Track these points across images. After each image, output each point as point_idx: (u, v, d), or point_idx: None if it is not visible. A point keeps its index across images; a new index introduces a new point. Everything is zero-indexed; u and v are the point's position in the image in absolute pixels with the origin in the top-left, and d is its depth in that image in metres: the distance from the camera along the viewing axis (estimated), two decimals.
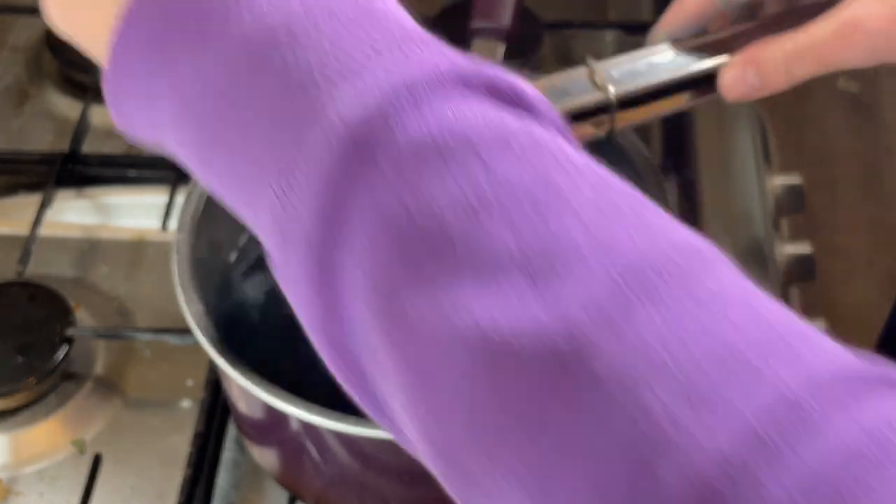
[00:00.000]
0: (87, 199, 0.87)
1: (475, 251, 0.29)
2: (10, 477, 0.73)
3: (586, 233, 0.29)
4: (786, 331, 0.29)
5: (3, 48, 0.99)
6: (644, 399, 0.27)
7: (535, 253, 0.29)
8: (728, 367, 0.27)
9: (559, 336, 0.28)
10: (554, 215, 0.30)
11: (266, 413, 0.60)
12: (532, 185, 0.30)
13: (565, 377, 0.28)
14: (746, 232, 0.80)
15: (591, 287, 0.29)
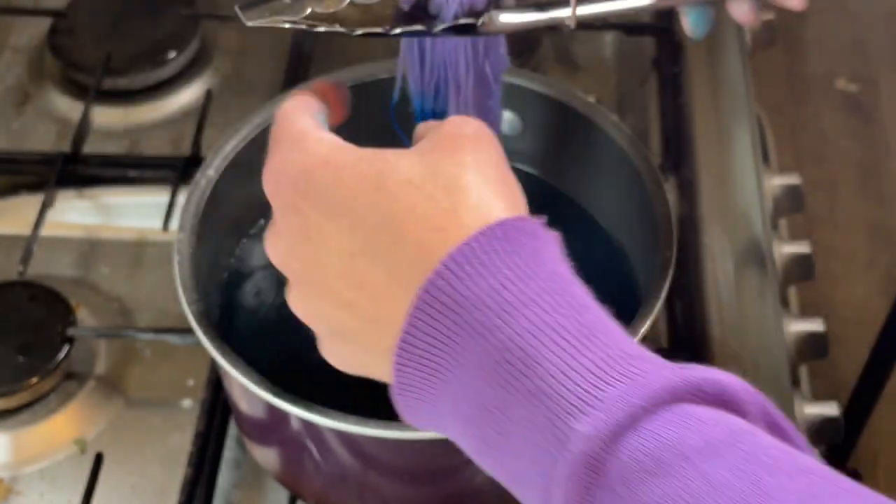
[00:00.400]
0: (89, 199, 0.87)
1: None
2: (11, 476, 0.73)
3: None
4: None
5: (4, 49, 0.99)
6: None
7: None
8: None
9: None
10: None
11: (267, 412, 0.60)
12: (745, 489, 0.35)
13: None
14: (745, 232, 0.80)
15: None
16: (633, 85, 0.95)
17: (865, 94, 1.92)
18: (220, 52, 0.98)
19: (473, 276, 0.40)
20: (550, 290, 0.40)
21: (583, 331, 0.39)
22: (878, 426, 1.33)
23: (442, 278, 0.40)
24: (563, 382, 0.38)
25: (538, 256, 0.41)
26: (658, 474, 0.36)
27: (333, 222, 0.43)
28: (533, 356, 0.39)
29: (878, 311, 1.18)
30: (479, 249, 0.40)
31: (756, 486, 0.35)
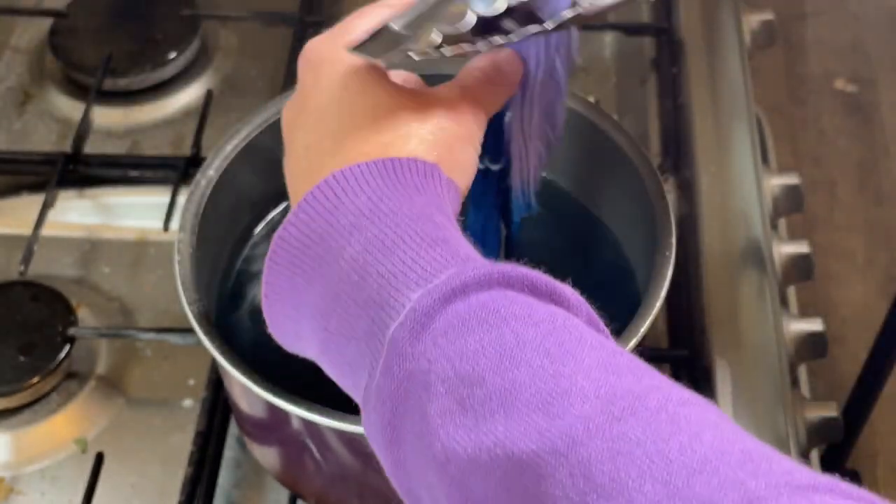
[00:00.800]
0: (89, 199, 0.87)
1: (505, 394, 0.38)
2: (12, 476, 0.73)
3: (589, 378, 0.38)
4: (750, 448, 0.36)
5: (5, 49, 1.00)
6: (631, 493, 0.35)
7: (549, 393, 0.38)
8: (703, 474, 0.35)
9: (560, 441, 0.37)
10: (566, 369, 0.39)
11: (267, 412, 0.60)
12: (550, 346, 0.39)
13: (565, 471, 0.36)
14: (745, 232, 0.80)
15: (586, 409, 0.37)
16: (632, 85, 0.96)
17: (865, 95, 1.92)
18: (220, 52, 0.98)
19: (355, 187, 0.45)
20: (421, 207, 0.45)
21: (437, 237, 0.44)
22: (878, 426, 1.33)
23: (328, 185, 0.46)
24: (412, 267, 0.43)
25: (421, 186, 0.46)
26: (476, 330, 0.40)
27: (312, 116, 0.49)
28: (390, 247, 0.43)
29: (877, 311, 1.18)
30: (366, 171, 0.46)
31: (560, 346, 0.39)
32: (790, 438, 0.71)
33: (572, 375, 0.38)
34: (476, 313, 0.40)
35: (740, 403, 0.71)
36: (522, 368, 0.39)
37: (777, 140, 1.14)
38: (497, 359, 0.39)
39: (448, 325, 0.40)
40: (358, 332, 0.43)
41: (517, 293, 0.41)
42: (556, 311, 0.41)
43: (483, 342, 0.40)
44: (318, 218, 0.45)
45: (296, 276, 0.46)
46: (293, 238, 0.46)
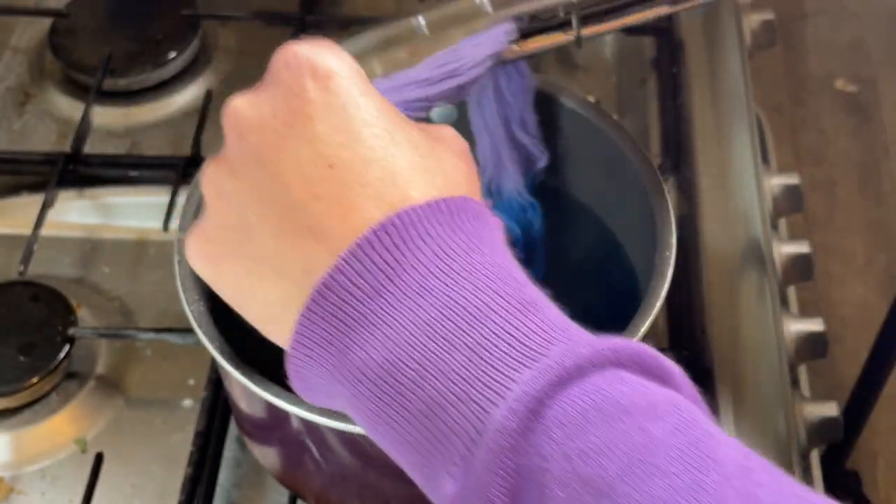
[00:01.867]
0: (89, 199, 0.87)
1: (634, 501, 0.34)
2: (12, 476, 0.73)
3: (735, 493, 0.34)
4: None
5: (5, 49, 1.00)
6: None
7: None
8: None
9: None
10: (707, 478, 0.34)
11: (267, 412, 0.60)
12: (683, 447, 0.35)
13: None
14: (745, 232, 0.80)
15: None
16: (632, 85, 0.96)
17: (865, 95, 1.92)
18: (220, 52, 0.98)
19: (416, 239, 0.40)
20: (494, 264, 0.40)
21: (526, 300, 0.39)
22: (878, 426, 1.33)
23: (385, 231, 0.40)
24: (508, 341, 0.38)
25: (481, 233, 0.41)
26: (598, 423, 0.35)
27: (330, 130, 0.41)
28: (477, 315, 0.38)
29: (877, 311, 1.18)
30: (423, 217, 0.40)
31: (695, 447, 0.35)
32: (790, 438, 0.71)
33: (714, 488, 0.34)
34: (595, 403, 0.36)
35: (740, 403, 0.71)
36: (657, 479, 0.34)
37: (777, 140, 1.14)
38: (626, 463, 0.35)
39: (563, 415, 0.36)
40: (437, 409, 0.38)
41: (630, 374, 0.37)
42: (675, 398, 0.37)
43: (607, 440, 0.35)
44: (376, 270, 0.39)
45: (340, 332, 0.40)
46: (342, 288, 0.39)
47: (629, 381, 0.37)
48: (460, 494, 0.37)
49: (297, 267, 0.41)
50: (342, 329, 0.40)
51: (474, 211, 0.41)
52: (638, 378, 0.37)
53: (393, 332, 0.39)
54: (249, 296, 0.44)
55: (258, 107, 0.42)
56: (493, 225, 0.42)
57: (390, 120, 0.42)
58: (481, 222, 0.41)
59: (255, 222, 0.42)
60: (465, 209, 0.41)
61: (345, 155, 0.41)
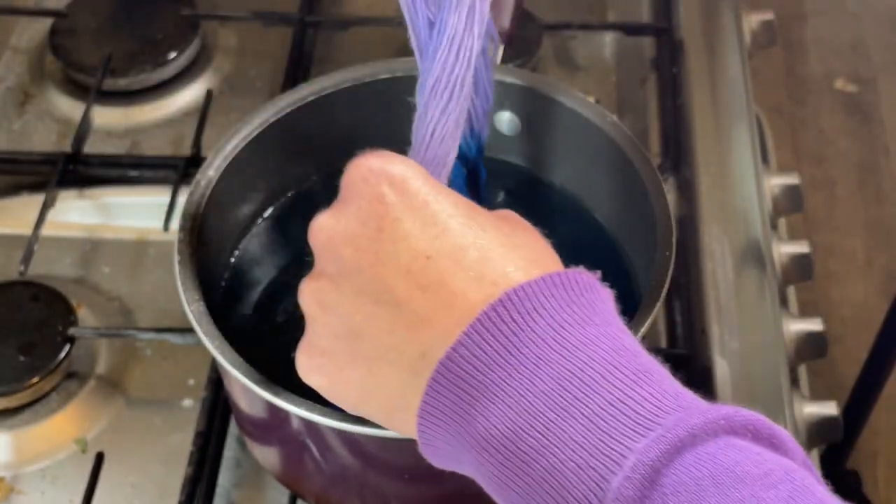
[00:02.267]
0: (89, 199, 0.87)
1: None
2: (12, 475, 0.73)
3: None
4: None
5: (5, 49, 1.00)
6: None
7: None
8: None
9: None
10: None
11: (267, 412, 0.60)
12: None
13: None
14: (745, 232, 0.80)
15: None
16: (632, 85, 0.96)
17: (864, 95, 1.92)
18: (220, 52, 0.98)
19: (532, 312, 0.42)
20: (607, 335, 0.42)
21: (639, 370, 0.41)
22: (877, 425, 1.34)
23: (503, 305, 0.42)
24: (623, 410, 0.39)
25: (594, 305, 0.43)
26: (713, 491, 0.36)
27: (418, 226, 0.44)
28: (592, 386, 0.40)
29: (876, 311, 1.19)
30: (539, 291, 0.42)
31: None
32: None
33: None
34: (709, 471, 0.37)
35: (740, 403, 0.71)
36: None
37: (777, 140, 1.14)
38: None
39: (679, 483, 0.37)
40: (557, 475, 0.39)
41: (742, 441, 0.39)
42: (788, 466, 0.38)
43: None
44: (495, 342, 0.42)
45: (464, 401, 0.42)
46: (464, 360, 0.42)
47: (742, 449, 0.38)
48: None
49: (414, 355, 0.44)
50: (466, 399, 0.42)
51: (585, 283, 0.44)
52: (751, 445, 0.38)
53: (513, 401, 0.41)
54: (369, 395, 0.47)
55: (345, 221, 0.46)
56: (604, 295, 0.44)
57: (468, 208, 0.46)
58: (593, 293, 0.43)
59: (365, 325, 0.45)
60: (577, 282, 0.43)
61: (439, 245, 0.44)
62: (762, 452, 0.38)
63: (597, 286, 0.44)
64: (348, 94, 0.68)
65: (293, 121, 0.67)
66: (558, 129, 0.68)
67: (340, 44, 0.98)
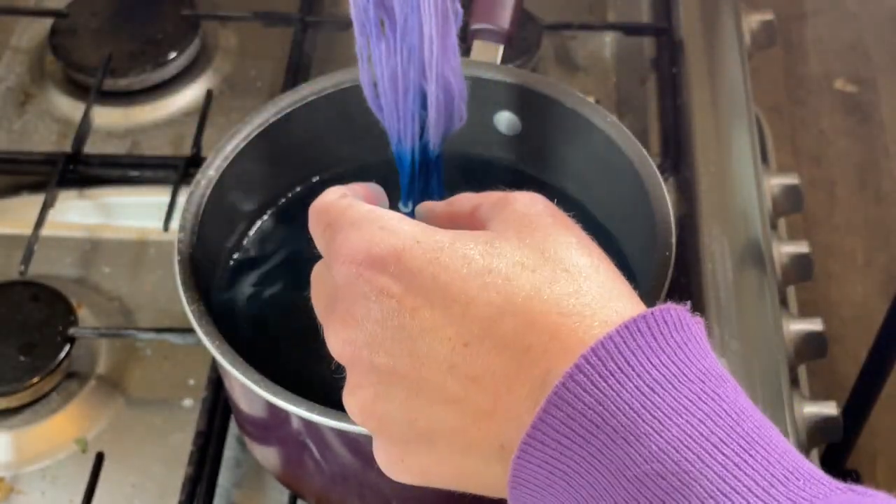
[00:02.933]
0: (90, 199, 0.87)
1: None
2: (12, 475, 0.73)
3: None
4: None
5: (5, 49, 1.00)
6: None
7: None
8: None
9: None
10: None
11: (267, 412, 0.60)
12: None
13: None
14: (744, 232, 0.80)
15: None
16: (632, 85, 0.96)
17: (864, 95, 1.92)
18: (221, 52, 0.98)
19: (617, 374, 0.36)
20: (704, 395, 0.37)
21: (742, 443, 0.36)
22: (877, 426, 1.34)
23: (582, 373, 0.36)
24: (738, 475, 0.35)
25: (687, 353, 0.38)
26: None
27: (439, 309, 0.39)
28: (688, 471, 0.35)
29: (876, 311, 1.19)
30: (622, 345, 0.37)
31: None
32: (790, 438, 0.71)
33: None
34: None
35: None
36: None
37: (777, 140, 1.14)
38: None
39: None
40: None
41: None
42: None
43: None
44: (579, 416, 0.36)
45: (552, 481, 0.37)
46: (548, 437, 0.37)
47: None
48: None
49: (493, 448, 0.39)
50: (556, 469, 0.37)
51: (674, 322, 0.38)
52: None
53: (606, 484, 0.36)
54: (458, 483, 0.42)
55: (362, 328, 0.40)
56: (695, 332, 0.39)
57: (485, 253, 0.40)
58: (684, 333, 0.38)
59: (432, 428, 0.40)
60: (664, 322, 0.38)
61: (469, 325, 0.39)
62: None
63: (688, 322, 0.39)
64: (348, 95, 0.68)
65: (294, 121, 0.67)
66: (558, 129, 0.68)
67: (340, 44, 0.98)
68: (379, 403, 0.41)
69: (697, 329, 0.39)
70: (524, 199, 0.43)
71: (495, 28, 0.69)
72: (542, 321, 0.38)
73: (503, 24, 0.69)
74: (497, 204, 0.44)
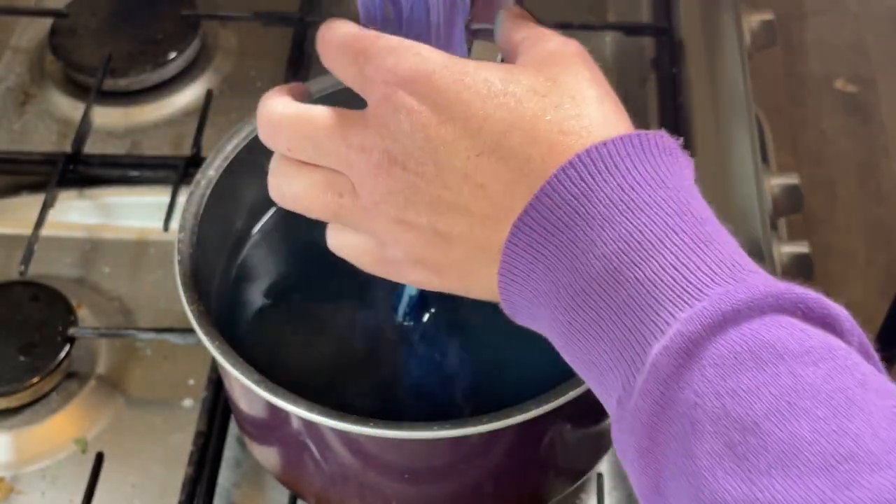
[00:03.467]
0: (89, 199, 0.87)
1: (784, 448, 0.35)
2: (12, 475, 0.73)
3: (877, 438, 0.35)
4: None
5: (5, 49, 1.00)
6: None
7: (833, 455, 0.35)
8: None
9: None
10: (852, 424, 0.35)
11: (267, 412, 0.60)
12: (832, 393, 0.36)
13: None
14: (744, 232, 0.80)
15: (876, 482, 0.34)
16: (632, 85, 0.96)
17: (864, 95, 1.92)
18: (221, 52, 0.98)
19: (603, 172, 0.42)
20: (677, 199, 0.42)
21: (700, 237, 0.41)
22: None
23: (574, 167, 0.42)
24: (674, 276, 0.40)
25: (670, 167, 0.43)
26: (750, 367, 0.37)
27: (458, 123, 0.44)
28: (649, 250, 0.40)
29: (876, 311, 1.19)
30: (614, 152, 0.42)
31: (844, 394, 0.36)
32: None
33: (858, 434, 0.35)
34: (749, 347, 0.38)
35: None
36: (803, 420, 0.36)
37: (777, 140, 1.14)
38: (774, 404, 0.36)
39: (718, 356, 0.38)
40: (610, 334, 0.41)
41: (791, 318, 0.39)
42: (833, 344, 0.38)
43: (758, 382, 0.37)
44: (564, 205, 0.42)
45: (536, 261, 0.43)
46: (535, 222, 0.43)
47: (787, 327, 0.38)
48: (619, 416, 0.41)
49: (495, 250, 0.44)
50: (537, 258, 0.43)
51: (664, 146, 0.43)
52: (798, 323, 0.38)
53: (573, 265, 0.42)
54: (466, 288, 0.48)
55: (392, 138, 0.45)
56: (682, 162, 0.44)
57: (503, 79, 0.45)
58: (671, 157, 0.43)
59: (449, 231, 0.46)
60: (656, 144, 0.43)
61: (485, 138, 0.44)
62: (808, 330, 0.38)
63: (676, 151, 0.44)
64: (348, 95, 0.68)
65: None
66: None
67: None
68: (410, 209, 0.46)
69: (685, 160, 0.45)
70: (558, 41, 0.47)
71: (495, 28, 0.69)
72: (545, 137, 0.43)
73: None
74: (534, 40, 0.48)
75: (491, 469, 0.60)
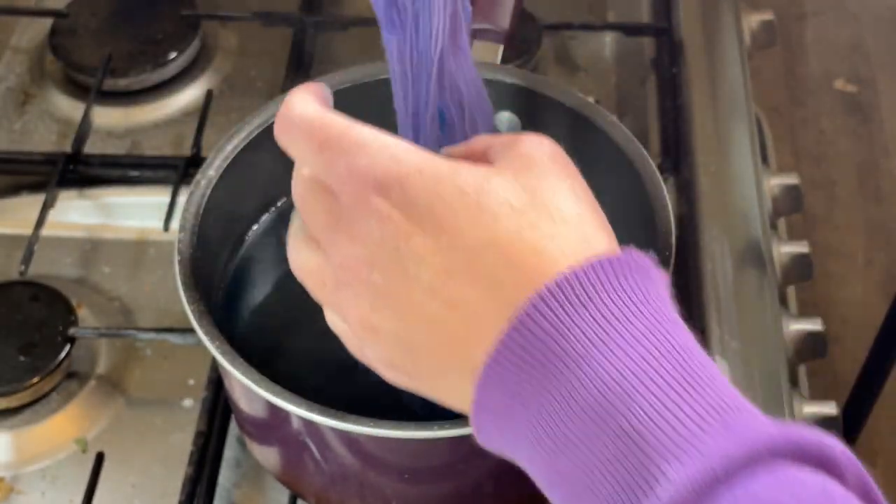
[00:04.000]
0: (90, 199, 0.87)
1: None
2: (12, 475, 0.73)
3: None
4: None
5: (5, 49, 1.00)
6: None
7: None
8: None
9: None
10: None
11: (267, 411, 0.60)
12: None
13: None
14: (744, 232, 0.80)
15: None
16: (632, 85, 0.96)
17: (864, 95, 1.92)
18: (221, 52, 0.98)
19: (577, 306, 0.40)
20: (655, 332, 0.40)
21: (685, 376, 0.39)
22: (877, 425, 1.33)
23: (544, 302, 0.40)
24: (660, 426, 0.38)
25: (645, 293, 0.41)
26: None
27: (431, 238, 0.42)
28: (631, 395, 0.38)
29: (876, 311, 1.19)
30: (586, 280, 0.40)
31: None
32: None
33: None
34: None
35: None
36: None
37: (777, 140, 1.14)
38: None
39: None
40: (596, 491, 0.39)
41: (784, 465, 0.37)
42: (830, 493, 0.37)
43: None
44: (538, 341, 0.40)
45: (513, 402, 0.41)
46: (507, 361, 0.40)
47: (782, 482, 0.36)
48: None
49: (466, 372, 0.42)
50: (515, 394, 0.41)
51: (637, 267, 0.41)
52: (794, 472, 0.37)
53: (559, 408, 0.40)
54: (437, 397, 0.46)
55: (365, 247, 0.43)
56: (656, 279, 0.42)
57: (478, 190, 0.43)
58: (645, 279, 0.41)
59: (417, 344, 0.44)
60: (630, 267, 0.41)
61: (454, 256, 0.42)
62: (804, 481, 0.37)
63: (649, 269, 0.42)
64: (348, 95, 0.68)
65: None
66: (558, 129, 0.68)
67: (340, 44, 0.98)
68: (374, 315, 0.44)
69: (659, 277, 0.42)
70: (531, 141, 0.46)
71: (495, 28, 0.69)
72: (518, 259, 0.42)
73: (503, 24, 0.69)
74: (507, 144, 0.46)
75: (491, 469, 0.60)
